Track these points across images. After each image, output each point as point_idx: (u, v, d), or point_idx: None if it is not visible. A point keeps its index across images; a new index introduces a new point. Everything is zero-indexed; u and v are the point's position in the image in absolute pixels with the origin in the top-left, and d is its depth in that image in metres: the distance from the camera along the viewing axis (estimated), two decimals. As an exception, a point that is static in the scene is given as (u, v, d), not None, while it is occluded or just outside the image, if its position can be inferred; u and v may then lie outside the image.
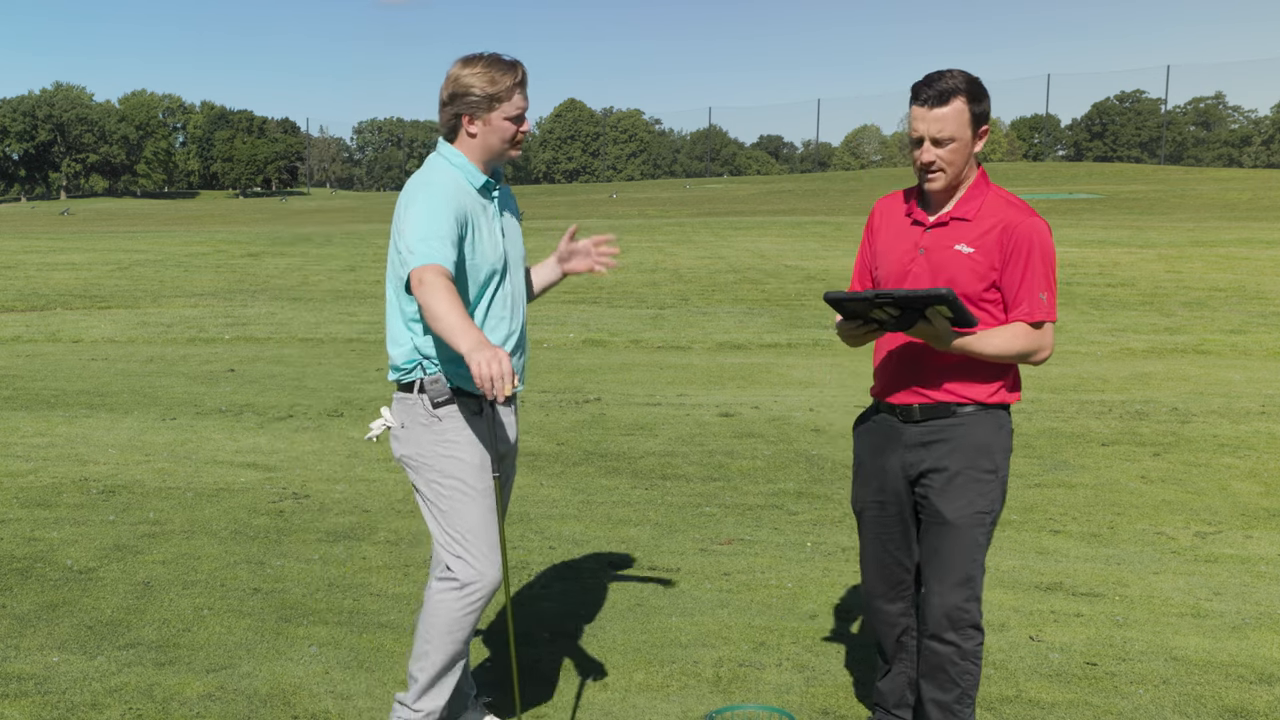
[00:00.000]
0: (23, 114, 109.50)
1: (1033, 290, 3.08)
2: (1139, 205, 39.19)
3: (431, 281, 2.98)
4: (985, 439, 3.18)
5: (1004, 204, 3.13)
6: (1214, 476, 6.90)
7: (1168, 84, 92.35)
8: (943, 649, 3.22)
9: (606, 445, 7.84)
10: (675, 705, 3.86)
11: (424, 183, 3.20)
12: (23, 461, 7.34)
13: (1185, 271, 19.67)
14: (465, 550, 3.25)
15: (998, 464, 3.20)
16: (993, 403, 3.19)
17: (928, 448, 3.20)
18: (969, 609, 3.19)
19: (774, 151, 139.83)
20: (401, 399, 3.35)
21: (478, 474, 3.26)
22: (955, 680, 3.22)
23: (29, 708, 3.81)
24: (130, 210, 65.41)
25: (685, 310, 16.54)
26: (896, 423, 3.27)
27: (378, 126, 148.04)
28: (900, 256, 3.21)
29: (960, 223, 3.13)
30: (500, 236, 3.30)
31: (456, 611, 3.26)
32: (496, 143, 3.24)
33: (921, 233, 3.18)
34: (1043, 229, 3.09)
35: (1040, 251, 3.08)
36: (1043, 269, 3.08)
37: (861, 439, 3.42)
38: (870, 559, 3.42)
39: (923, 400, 3.20)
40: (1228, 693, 3.94)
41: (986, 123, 3.09)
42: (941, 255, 3.13)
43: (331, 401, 9.51)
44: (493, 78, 3.16)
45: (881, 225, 3.32)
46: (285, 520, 6.02)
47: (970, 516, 3.17)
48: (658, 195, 58.39)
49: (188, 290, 19.71)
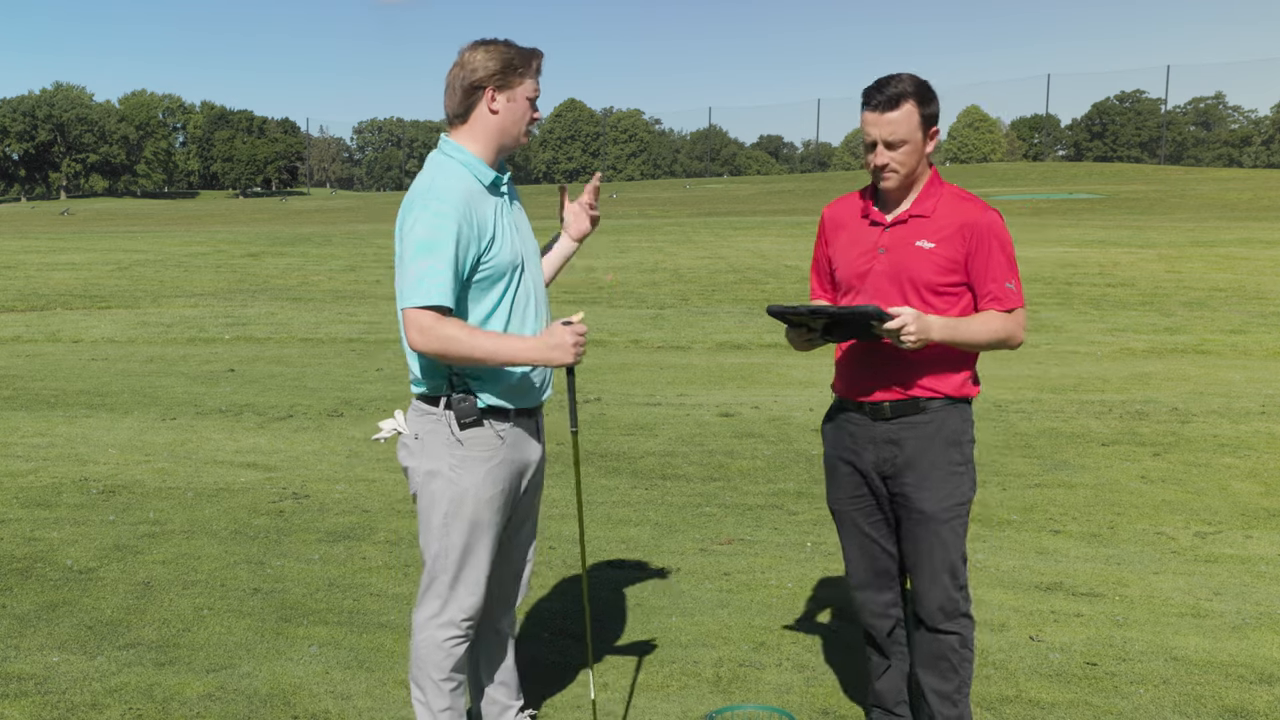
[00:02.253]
0: (23, 114, 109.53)
1: (999, 280, 3.19)
2: (1139, 205, 39.19)
3: (429, 329, 2.93)
4: (955, 432, 3.27)
5: (959, 200, 3.24)
6: (1214, 476, 6.90)
7: (1168, 84, 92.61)
8: (943, 639, 3.29)
9: (606, 445, 7.84)
10: (675, 705, 3.86)
11: (430, 193, 3.01)
12: (23, 461, 7.34)
13: (1185, 271, 19.67)
14: (456, 580, 3.16)
15: (967, 455, 3.30)
16: (958, 396, 3.28)
17: (899, 444, 3.26)
18: (958, 597, 3.28)
19: (774, 151, 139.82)
20: (423, 410, 3.17)
21: (487, 507, 3.15)
22: (956, 669, 3.30)
23: (29, 708, 3.81)
24: (130, 210, 65.39)
25: (685, 310, 16.54)
26: (866, 420, 3.32)
27: (378, 126, 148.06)
28: (859, 257, 3.28)
29: (920, 219, 3.22)
30: (514, 233, 3.16)
31: (444, 644, 3.19)
32: (513, 124, 3.11)
33: (881, 232, 3.26)
34: (999, 221, 3.22)
35: (1000, 242, 3.20)
36: (1005, 258, 3.20)
37: (831, 437, 3.47)
38: (855, 553, 3.47)
39: (893, 397, 3.26)
40: (1228, 693, 3.94)
41: (936, 124, 3.20)
42: (902, 252, 3.21)
43: (331, 401, 9.51)
44: (519, 52, 3.09)
45: (835, 229, 3.40)
46: (285, 520, 6.02)
47: (949, 509, 3.25)
48: (658, 195, 58.39)
49: (188, 290, 19.71)
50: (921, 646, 3.34)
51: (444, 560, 3.17)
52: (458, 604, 3.19)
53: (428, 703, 3.24)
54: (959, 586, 3.27)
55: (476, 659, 3.50)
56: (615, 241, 27.71)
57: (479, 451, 3.13)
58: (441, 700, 3.23)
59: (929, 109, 3.15)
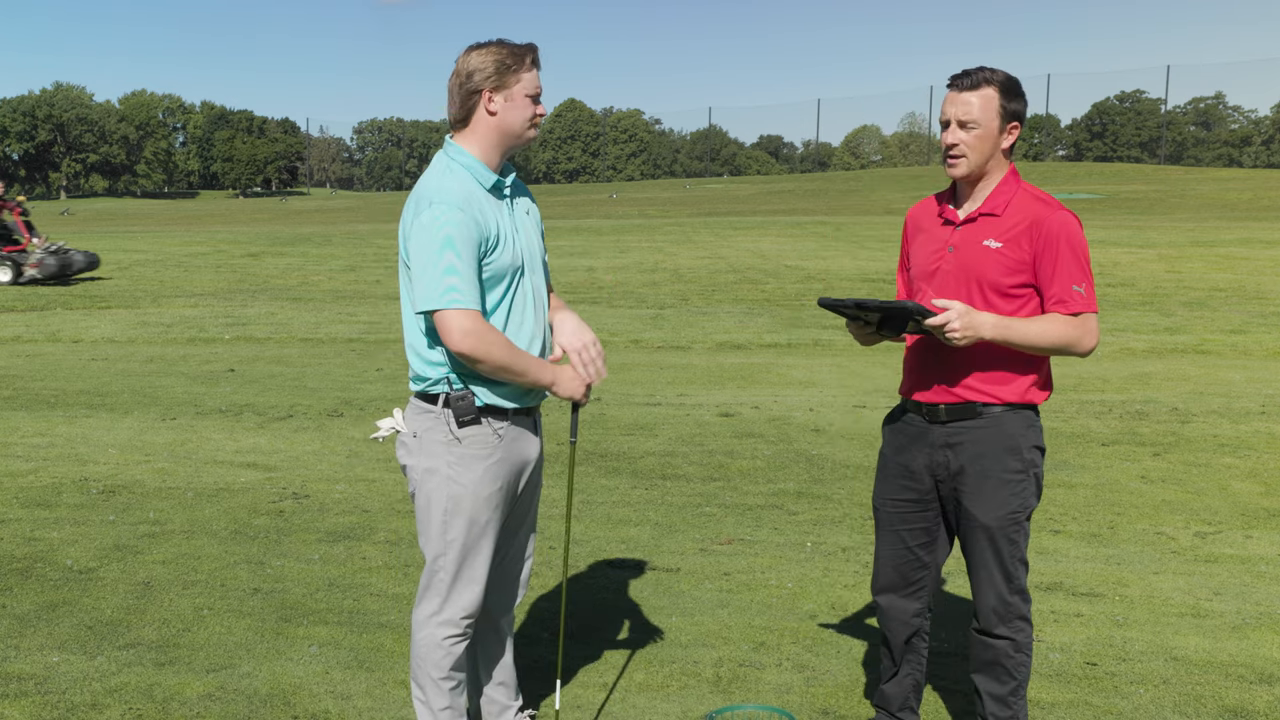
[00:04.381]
0: (23, 114, 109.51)
1: (1066, 282, 3.09)
2: (1139, 205, 39.19)
3: (476, 331, 2.96)
4: (1013, 439, 3.19)
5: (1032, 199, 3.16)
6: (1214, 476, 6.90)
7: (1168, 84, 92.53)
8: (997, 644, 3.25)
9: (606, 445, 7.84)
10: (675, 705, 3.86)
11: (439, 193, 3.02)
12: (23, 461, 7.34)
13: (1185, 271, 19.67)
14: (456, 578, 3.17)
15: (1027, 462, 3.20)
16: (1020, 402, 3.19)
17: (954, 449, 3.21)
18: (1014, 603, 3.22)
19: (774, 151, 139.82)
20: (422, 408, 3.19)
21: (485, 505, 3.16)
22: (1011, 673, 3.25)
23: (29, 708, 3.81)
24: (130, 210, 65.41)
25: (685, 310, 16.54)
26: (923, 422, 3.27)
27: (378, 126, 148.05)
28: (930, 255, 3.26)
29: (989, 218, 3.16)
30: (515, 235, 3.16)
31: (443, 642, 3.19)
32: (516, 122, 3.11)
33: (952, 231, 3.23)
34: (1071, 221, 3.12)
35: (1070, 243, 3.10)
36: (1074, 260, 3.10)
37: (888, 436, 3.43)
38: (887, 555, 3.41)
39: (949, 400, 3.21)
40: (1228, 693, 3.94)
41: (1018, 121, 3.14)
42: (970, 251, 3.16)
43: (331, 401, 9.51)
44: (511, 51, 3.09)
45: (916, 229, 3.38)
46: (285, 520, 6.02)
47: (1003, 518, 3.18)
48: (658, 195, 58.39)
49: (188, 290, 19.71)
50: (976, 650, 3.30)
51: (443, 558, 3.18)
52: (457, 602, 3.19)
53: (428, 701, 3.24)
54: (1015, 590, 3.21)
55: (475, 658, 3.50)
56: (615, 241, 27.71)
57: (477, 449, 3.14)
58: (441, 699, 3.23)
59: (1013, 104, 3.11)
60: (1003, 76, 3.11)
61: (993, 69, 3.12)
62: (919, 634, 3.44)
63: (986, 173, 3.17)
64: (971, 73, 3.12)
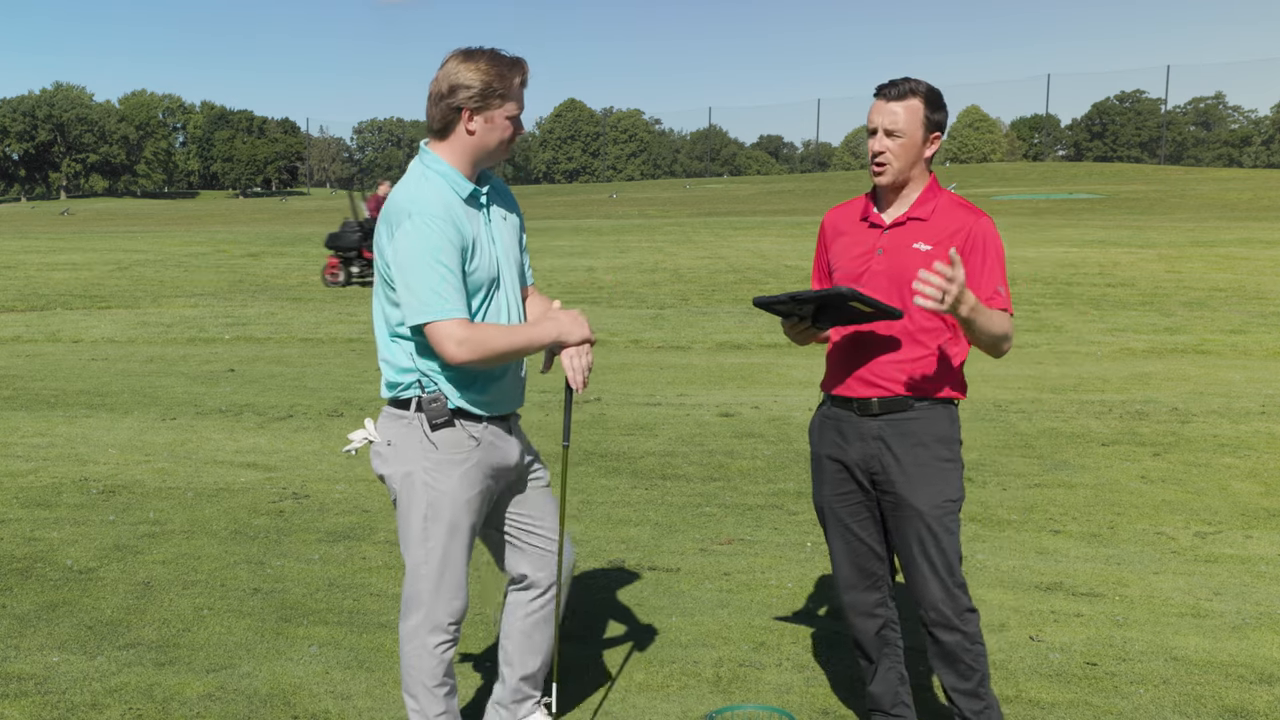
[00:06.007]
0: (23, 114, 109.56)
1: (992, 283, 3.21)
2: (1139, 205, 39.19)
3: (469, 339, 2.95)
4: (943, 430, 3.29)
5: (956, 205, 3.29)
6: (1214, 476, 6.90)
7: (1168, 84, 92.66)
8: (949, 638, 3.28)
9: (606, 445, 7.84)
10: (675, 705, 3.86)
11: (416, 204, 2.99)
12: (23, 461, 7.34)
13: (1185, 271, 19.67)
14: (438, 585, 3.15)
15: (955, 453, 3.31)
16: (946, 397, 3.30)
17: (887, 441, 3.27)
18: (958, 594, 3.27)
19: (774, 151, 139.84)
20: (394, 415, 3.16)
21: (465, 510, 3.14)
22: (972, 666, 3.30)
23: (29, 708, 3.81)
24: (130, 210, 65.39)
25: (685, 310, 16.54)
26: (854, 416, 3.33)
27: (378, 126, 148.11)
28: (857, 258, 3.33)
29: (917, 222, 3.27)
30: (491, 246, 3.13)
31: (434, 650, 3.18)
32: (493, 142, 3.08)
33: (879, 234, 3.31)
34: (993, 227, 3.27)
35: (995, 248, 3.24)
36: (998, 264, 3.24)
37: (818, 436, 3.47)
38: (841, 552, 3.46)
39: (881, 393, 3.28)
40: (1228, 693, 3.94)
41: (939, 131, 3.26)
42: (900, 254, 3.25)
43: (331, 401, 9.51)
44: (500, 73, 3.01)
45: (836, 233, 3.45)
46: (285, 520, 6.02)
47: (941, 505, 3.25)
48: (658, 195, 58.39)
49: (188, 290, 19.71)
50: (933, 649, 3.34)
51: (425, 567, 3.16)
52: (443, 608, 3.18)
53: (423, 710, 3.23)
54: (957, 584, 3.27)
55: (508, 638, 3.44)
56: (615, 241, 27.71)
57: (452, 454, 3.12)
58: (436, 706, 3.23)
59: (935, 114, 3.22)
60: (926, 88, 3.22)
61: (918, 80, 3.23)
62: (887, 625, 3.48)
63: (910, 179, 3.28)
64: (898, 83, 3.22)
